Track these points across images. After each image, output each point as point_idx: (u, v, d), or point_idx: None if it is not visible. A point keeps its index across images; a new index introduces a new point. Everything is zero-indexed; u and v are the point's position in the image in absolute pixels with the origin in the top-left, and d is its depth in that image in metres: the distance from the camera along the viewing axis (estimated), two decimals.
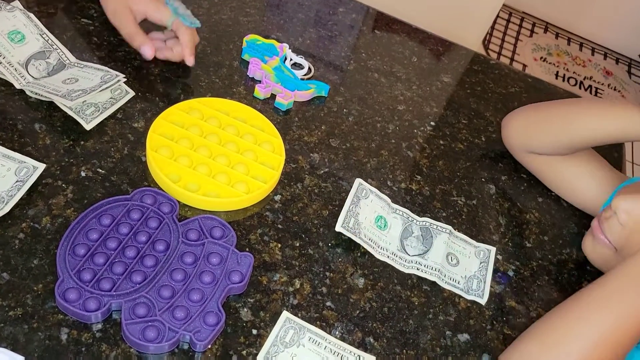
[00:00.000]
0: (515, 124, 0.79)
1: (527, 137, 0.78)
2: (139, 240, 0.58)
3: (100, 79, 0.69)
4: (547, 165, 0.79)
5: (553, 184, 0.81)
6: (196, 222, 0.61)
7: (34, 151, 0.64)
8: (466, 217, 0.74)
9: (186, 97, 0.76)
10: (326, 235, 0.66)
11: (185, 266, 0.57)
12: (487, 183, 0.80)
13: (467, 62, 1.01)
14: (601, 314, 0.55)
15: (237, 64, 0.84)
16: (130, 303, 0.53)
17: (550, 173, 0.79)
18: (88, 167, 0.64)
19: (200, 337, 0.52)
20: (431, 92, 0.91)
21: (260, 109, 0.76)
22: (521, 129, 0.78)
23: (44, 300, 0.53)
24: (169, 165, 0.65)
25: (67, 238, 0.56)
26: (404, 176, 0.76)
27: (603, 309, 0.55)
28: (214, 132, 0.71)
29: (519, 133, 0.78)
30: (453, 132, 0.86)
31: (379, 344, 0.58)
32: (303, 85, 0.81)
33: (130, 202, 0.61)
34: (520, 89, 0.98)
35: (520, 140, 0.79)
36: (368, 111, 0.84)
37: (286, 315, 0.57)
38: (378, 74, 0.91)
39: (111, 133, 0.68)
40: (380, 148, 0.79)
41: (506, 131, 0.81)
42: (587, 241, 0.70)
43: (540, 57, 2.84)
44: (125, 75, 0.71)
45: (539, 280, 0.70)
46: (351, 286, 0.62)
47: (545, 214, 0.78)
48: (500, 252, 0.71)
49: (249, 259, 0.59)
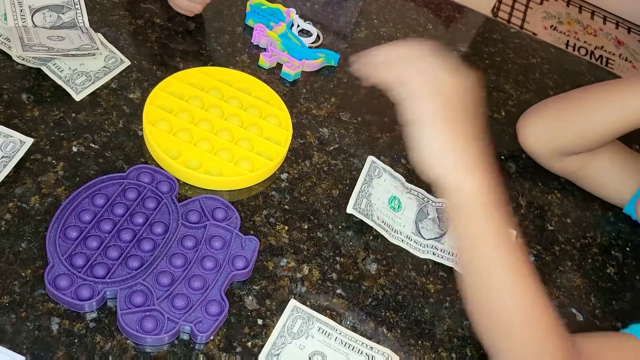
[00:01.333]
0: (535, 122, 0.70)
1: (551, 136, 0.69)
2: (136, 222, 0.54)
3: (78, 46, 0.64)
4: (580, 165, 0.71)
5: (593, 187, 0.73)
6: (197, 202, 0.57)
7: (21, 124, 0.59)
8: None
9: (186, 66, 0.71)
10: (336, 217, 0.62)
11: (185, 251, 0.53)
12: (506, 161, 0.75)
13: (486, 30, 0.95)
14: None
15: (240, 30, 0.78)
16: (126, 291, 0.49)
17: (584, 174, 0.72)
18: (80, 141, 0.60)
19: (202, 328, 0.49)
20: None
21: (265, 80, 0.71)
22: (544, 128, 0.70)
23: (32, 287, 0.49)
24: (168, 141, 0.61)
25: (58, 219, 0.52)
26: None
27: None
28: (215, 104, 0.66)
29: (542, 132, 0.70)
30: None
31: (392, 334, 0.54)
32: (311, 54, 0.76)
33: (126, 180, 0.56)
34: (542, 60, 0.92)
35: (544, 142, 0.70)
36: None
37: (294, 303, 0.53)
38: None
39: (105, 105, 0.64)
40: (394, 122, 0.74)
41: (526, 133, 0.71)
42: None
43: (551, 25, 2.76)
44: (99, 51, 0.65)
45: (561, 265, 0.66)
46: (363, 272, 0.58)
47: (568, 195, 0.74)
48: (521, 235, 0.67)
49: (254, 243, 0.55)
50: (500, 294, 0.47)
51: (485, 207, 0.46)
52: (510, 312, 0.47)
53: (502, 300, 0.47)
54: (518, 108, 0.82)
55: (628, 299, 0.65)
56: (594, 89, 0.67)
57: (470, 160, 0.46)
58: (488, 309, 0.48)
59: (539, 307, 0.47)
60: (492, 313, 0.48)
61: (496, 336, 0.48)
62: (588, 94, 0.67)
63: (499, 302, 0.47)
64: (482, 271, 0.47)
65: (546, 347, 0.47)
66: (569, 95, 0.70)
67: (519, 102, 0.83)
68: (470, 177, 0.45)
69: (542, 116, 0.70)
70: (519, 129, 0.72)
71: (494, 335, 0.48)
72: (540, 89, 0.87)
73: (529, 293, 0.47)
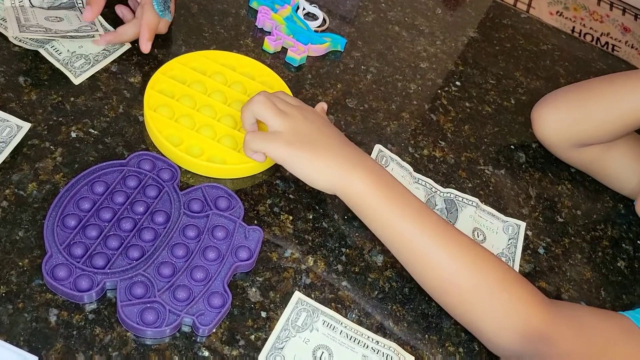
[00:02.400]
0: (552, 112, 0.68)
1: (569, 127, 0.67)
2: (136, 211, 0.52)
3: (77, 28, 0.62)
4: (595, 157, 0.69)
5: (607, 179, 0.72)
6: (199, 191, 0.55)
7: (17, 108, 0.57)
8: (494, 188, 0.68)
9: (188, 49, 0.68)
10: (342, 207, 0.60)
11: (187, 241, 0.52)
12: (516, 151, 0.73)
13: (496, 15, 0.93)
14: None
15: (244, 13, 0.76)
16: (127, 282, 0.48)
17: (599, 166, 0.70)
18: (79, 126, 0.58)
19: (204, 321, 0.47)
20: (456, 48, 0.84)
21: (269, 64, 0.69)
22: (561, 117, 0.67)
23: (30, 278, 0.47)
24: (169, 127, 0.59)
25: (56, 207, 0.50)
26: (427, 142, 0.70)
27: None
28: (218, 89, 0.64)
29: (559, 122, 0.68)
30: (480, 93, 0.79)
31: (398, 328, 0.53)
32: (317, 38, 0.74)
33: (126, 167, 0.55)
34: (553, 47, 0.90)
35: (561, 132, 0.68)
36: (388, 68, 0.77)
37: (298, 296, 0.52)
38: (399, 27, 0.83)
39: (105, 89, 0.62)
40: (401, 110, 0.72)
41: (541, 123, 0.69)
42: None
43: (557, 11, 2.73)
44: (99, 32, 0.63)
45: (571, 259, 0.64)
46: (369, 264, 0.57)
47: (579, 186, 0.72)
48: (530, 227, 0.65)
49: (258, 233, 0.53)
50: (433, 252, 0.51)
51: (378, 197, 0.51)
52: (448, 263, 0.51)
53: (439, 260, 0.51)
54: (528, 96, 0.80)
55: (639, 293, 0.64)
56: (613, 79, 0.65)
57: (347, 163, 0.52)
58: (433, 275, 0.52)
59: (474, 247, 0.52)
60: (439, 277, 0.51)
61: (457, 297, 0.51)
62: (609, 84, 0.65)
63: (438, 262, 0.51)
64: (411, 249, 0.52)
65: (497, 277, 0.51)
66: (586, 84, 0.67)
67: (528, 89, 0.82)
68: (354, 181, 0.52)
69: (559, 105, 0.67)
70: (533, 118, 0.70)
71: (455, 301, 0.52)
72: (551, 77, 0.85)
73: (456, 238, 0.51)
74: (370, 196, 0.52)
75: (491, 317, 0.50)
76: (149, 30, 0.63)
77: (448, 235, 0.51)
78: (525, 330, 0.49)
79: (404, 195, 0.52)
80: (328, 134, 0.55)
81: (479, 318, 0.51)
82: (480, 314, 0.51)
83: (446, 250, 0.51)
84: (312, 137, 0.53)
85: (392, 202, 0.52)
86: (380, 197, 0.52)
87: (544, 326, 0.49)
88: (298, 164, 0.53)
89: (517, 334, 0.49)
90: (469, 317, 0.52)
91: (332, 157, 0.52)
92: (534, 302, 0.50)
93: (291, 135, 0.53)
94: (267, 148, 0.53)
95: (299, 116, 0.54)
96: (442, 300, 0.53)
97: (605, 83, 0.65)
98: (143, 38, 0.63)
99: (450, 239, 0.51)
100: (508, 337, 0.50)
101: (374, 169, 0.53)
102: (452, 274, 0.51)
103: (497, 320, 0.50)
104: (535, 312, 0.49)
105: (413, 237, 0.51)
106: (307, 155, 0.52)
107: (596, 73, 0.89)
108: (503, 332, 0.50)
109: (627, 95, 0.62)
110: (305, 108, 0.57)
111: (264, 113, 0.54)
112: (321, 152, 0.53)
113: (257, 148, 0.54)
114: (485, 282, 0.50)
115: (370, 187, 0.52)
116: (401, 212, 0.51)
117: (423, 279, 0.53)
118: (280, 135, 0.53)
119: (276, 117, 0.53)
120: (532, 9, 2.64)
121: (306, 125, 0.54)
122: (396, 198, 0.52)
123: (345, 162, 0.52)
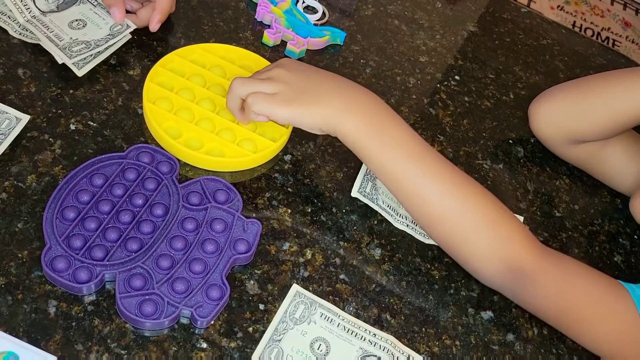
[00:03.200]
0: (548, 108, 0.68)
1: (565, 123, 0.67)
2: (135, 203, 0.53)
3: (110, 29, 0.62)
4: (591, 154, 0.69)
5: (602, 176, 0.72)
6: (198, 184, 0.55)
7: (17, 100, 0.57)
8: (492, 183, 0.68)
9: (187, 42, 0.68)
10: (340, 200, 0.60)
11: (186, 233, 0.52)
12: (514, 145, 0.73)
13: (496, 9, 0.92)
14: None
15: (243, 6, 0.76)
16: (125, 274, 0.48)
17: (595, 163, 0.70)
18: (78, 119, 0.58)
19: (203, 313, 0.48)
20: (456, 43, 0.84)
21: (269, 57, 0.69)
22: (558, 113, 0.67)
23: (29, 269, 0.48)
24: (168, 120, 0.59)
25: (55, 199, 0.51)
26: (426, 136, 0.70)
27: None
28: (218, 82, 0.64)
29: (555, 118, 0.68)
30: (479, 87, 0.79)
31: (396, 321, 0.53)
32: (316, 31, 0.74)
33: (125, 160, 0.55)
34: (553, 42, 0.90)
35: (557, 128, 0.68)
36: (387, 62, 0.77)
37: (296, 288, 0.52)
38: (398, 21, 0.83)
39: (104, 81, 0.62)
40: (400, 104, 0.72)
41: (538, 118, 0.69)
42: (637, 201, 0.61)
43: (558, 5, 2.72)
44: (132, 28, 0.64)
45: (568, 253, 0.64)
46: (367, 257, 0.57)
47: (577, 181, 0.72)
48: (528, 221, 0.66)
49: (256, 226, 0.54)
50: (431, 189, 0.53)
51: (370, 138, 0.53)
52: (444, 199, 0.53)
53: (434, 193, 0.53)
54: (527, 91, 0.80)
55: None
56: (611, 76, 0.65)
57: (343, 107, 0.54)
58: (431, 213, 0.54)
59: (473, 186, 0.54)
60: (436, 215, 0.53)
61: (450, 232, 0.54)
62: (606, 81, 0.65)
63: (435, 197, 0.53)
64: (402, 188, 0.54)
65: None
66: (584, 81, 0.67)
67: (528, 84, 0.82)
68: (346, 121, 0.53)
69: (556, 101, 0.67)
70: (530, 114, 0.70)
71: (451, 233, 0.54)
72: (550, 72, 0.85)
73: (455, 176, 0.54)
74: (363, 139, 0.54)
75: (477, 252, 0.53)
76: (163, 14, 0.65)
77: (440, 174, 0.53)
78: (510, 265, 0.52)
79: (398, 135, 0.54)
80: (318, 79, 0.56)
81: (465, 251, 0.54)
82: (465, 249, 0.54)
83: (436, 187, 0.53)
84: (306, 88, 0.55)
85: (384, 144, 0.53)
86: (372, 138, 0.53)
87: (529, 265, 0.52)
88: (302, 119, 0.54)
89: (501, 268, 0.53)
90: (457, 250, 0.55)
91: (328, 103, 0.54)
92: (522, 242, 0.53)
93: (288, 93, 0.54)
94: (271, 112, 0.54)
95: (284, 73, 0.56)
96: (430, 233, 0.56)
97: (602, 81, 0.65)
98: (155, 19, 0.65)
99: (442, 177, 0.53)
100: (493, 270, 0.53)
101: (369, 109, 0.55)
102: (440, 210, 0.53)
103: (482, 255, 0.53)
104: (523, 251, 0.52)
105: (403, 177, 0.53)
106: (308, 108, 0.54)
107: (596, 68, 0.89)
108: (488, 265, 0.53)
109: (623, 93, 0.62)
110: (283, 63, 0.58)
111: (249, 87, 0.55)
112: (320, 100, 0.54)
113: (261, 111, 0.54)
114: (472, 219, 0.53)
115: (362, 128, 0.53)
116: (395, 153, 0.53)
117: (413, 213, 0.56)
118: (278, 97, 0.54)
119: (263, 84, 0.55)
120: (533, 2, 2.63)
121: (294, 77, 0.55)
122: (389, 139, 0.54)
123: (340, 106, 0.54)
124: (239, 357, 0.48)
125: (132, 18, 0.65)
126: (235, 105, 0.57)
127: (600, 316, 0.53)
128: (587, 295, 0.53)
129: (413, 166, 0.53)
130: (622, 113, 0.63)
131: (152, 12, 0.65)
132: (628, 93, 0.62)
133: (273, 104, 0.54)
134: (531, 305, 0.55)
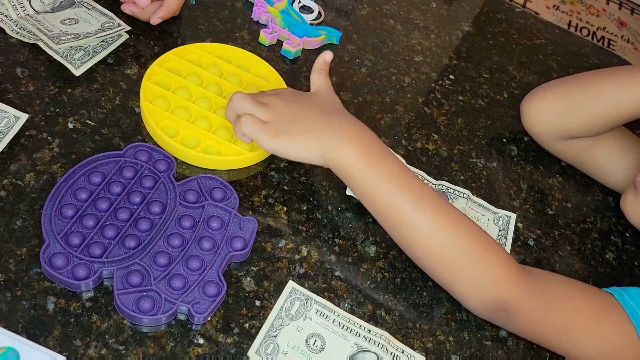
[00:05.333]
0: (540, 104, 0.69)
1: (556, 119, 0.68)
2: (133, 201, 0.53)
3: (101, 25, 0.62)
4: (582, 149, 0.70)
5: (593, 171, 0.73)
6: (195, 182, 0.56)
7: (15, 99, 0.58)
8: (485, 181, 0.69)
9: (184, 41, 0.69)
10: (335, 198, 0.61)
11: (183, 231, 0.53)
12: (508, 144, 0.74)
13: (491, 9, 0.93)
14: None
15: (240, 6, 0.76)
16: (123, 271, 0.49)
17: (586, 159, 0.71)
18: (76, 118, 0.58)
19: (200, 309, 0.48)
20: (451, 42, 0.85)
21: (265, 57, 0.70)
22: (548, 109, 0.68)
23: (28, 266, 0.48)
24: (165, 118, 0.59)
25: (54, 197, 0.51)
26: (420, 135, 0.71)
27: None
28: (214, 81, 0.65)
29: (546, 114, 0.68)
30: (473, 87, 0.80)
31: (390, 317, 0.54)
32: (312, 31, 0.75)
33: (123, 158, 0.55)
34: (547, 41, 0.91)
35: (548, 124, 0.69)
36: (382, 62, 0.77)
37: (292, 285, 0.53)
38: (394, 21, 0.84)
39: (101, 80, 0.62)
40: (395, 103, 0.73)
41: (529, 114, 0.70)
42: (627, 198, 0.62)
43: (553, 5, 2.73)
44: (124, 27, 0.64)
45: (560, 250, 0.65)
46: (362, 254, 0.58)
47: (569, 179, 0.73)
48: (521, 219, 0.66)
49: (252, 224, 0.54)
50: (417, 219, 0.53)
51: (362, 169, 0.53)
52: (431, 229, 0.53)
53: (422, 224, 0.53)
54: (521, 90, 0.81)
55: (627, 285, 0.65)
56: (603, 74, 0.66)
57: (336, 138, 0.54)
58: (418, 244, 0.54)
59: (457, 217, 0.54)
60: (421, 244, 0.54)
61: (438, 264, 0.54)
62: (597, 78, 0.66)
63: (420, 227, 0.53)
64: (396, 219, 0.53)
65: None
66: (576, 78, 0.68)
67: (521, 84, 0.82)
68: (339, 153, 0.53)
69: (548, 98, 0.68)
70: (522, 110, 0.71)
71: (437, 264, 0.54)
72: (544, 71, 0.86)
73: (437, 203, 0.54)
74: (354, 169, 0.54)
75: (463, 289, 0.54)
76: (168, 12, 0.67)
77: (428, 207, 0.53)
78: (494, 300, 0.52)
79: (390, 166, 0.54)
80: (310, 109, 0.56)
81: (451, 285, 0.55)
82: (452, 283, 0.54)
83: (423, 222, 0.53)
84: (297, 118, 0.55)
85: (374, 174, 0.53)
86: (364, 169, 0.53)
87: (515, 301, 0.52)
88: (289, 151, 0.54)
89: (487, 305, 0.53)
90: (444, 283, 0.55)
91: (318, 134, 0.54)
92: (507, 277, 0.52)
93: (277, 124, 0.54)
94: (257, 138, 0.54)
95: (279, 102, 0.56)
96: (418, 264, 0.56)
97: (593, 78, 0.66)
98: (159, 14, 0.66)
99: (430, 211, 0.53)
100: (479, 306, 0.54)
101: (360, 140, 0.54)
102: (427, 244, 0.53)
103: (469, 292, 0.54)
104: (507, 289, 0.52)
105: (396, 207, 0.53)
106: (296, 139, 0.54)
107: (589, 67, 0.89)
108: (474, 301, 0.54)
109: (613, 91, 0.63)
110: (281, 92, 0.58)
111: (245, 107, 0.55)
112: (310, 131, 0.54)
113: (249, 134, 0.55)
114: (459, 255, 0.53)
115: (355, 160, 0.53)
116: (388, 185, 0.53)
117: (402, 246, 0.56)
118: (267, 126, 0.54)
119: (258, 108, 0.55)
120: (529, 2, 2.64)
121: (288, 108, 0.56)
122: (379, 169, 0.54)
123: (331, 137, 0.54)
124: (235, 352, 0.48)
125: (137, 10, 0.66)
126: (232, 117, 0.57)
127: (596, 335, 0.54)
128: (579, 315, 0.53)
129: (404, 197, 0.53)
130: (612, 110, 0.64)
131: (159, 8, 0.66)
132: (618, 90, 0.63)
133: (261, 132, 0.54)
134: (522, 333, 0.55)
